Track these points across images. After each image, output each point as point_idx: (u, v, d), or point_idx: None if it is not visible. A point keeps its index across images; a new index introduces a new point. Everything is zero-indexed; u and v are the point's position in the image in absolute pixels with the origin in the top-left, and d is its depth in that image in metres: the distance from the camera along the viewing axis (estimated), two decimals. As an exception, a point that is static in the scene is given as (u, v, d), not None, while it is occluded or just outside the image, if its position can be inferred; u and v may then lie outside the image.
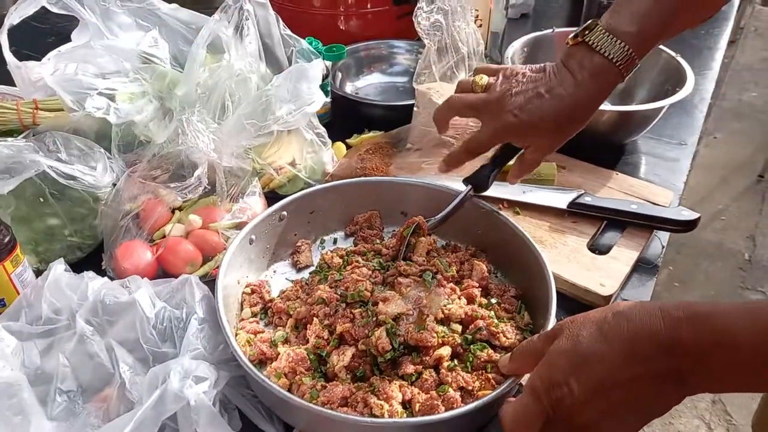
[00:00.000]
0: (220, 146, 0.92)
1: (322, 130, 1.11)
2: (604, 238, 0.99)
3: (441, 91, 1.16)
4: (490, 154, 0.91)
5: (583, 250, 0.96)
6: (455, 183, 0.94)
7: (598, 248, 0.97)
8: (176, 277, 0.82)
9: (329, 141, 1.13)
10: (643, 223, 0.99)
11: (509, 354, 0.69)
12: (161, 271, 0.92)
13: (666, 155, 1.24)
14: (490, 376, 0.71)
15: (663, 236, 1.03)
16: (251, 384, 0.71)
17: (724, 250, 2.73)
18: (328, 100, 1.24)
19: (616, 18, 0.77)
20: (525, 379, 0.66)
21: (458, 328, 0.76)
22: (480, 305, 0.80)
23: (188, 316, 0.74)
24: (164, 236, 0.95)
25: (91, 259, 0.96)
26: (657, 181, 1.16)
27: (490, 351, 0.73)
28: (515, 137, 0.84)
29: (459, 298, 0.80)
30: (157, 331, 0.73)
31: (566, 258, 0.94)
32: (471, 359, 0.73)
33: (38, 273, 0.84)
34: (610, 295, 0.88)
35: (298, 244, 0.95)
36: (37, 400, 0.68)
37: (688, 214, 0.97)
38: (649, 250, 1.00)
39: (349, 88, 1.39)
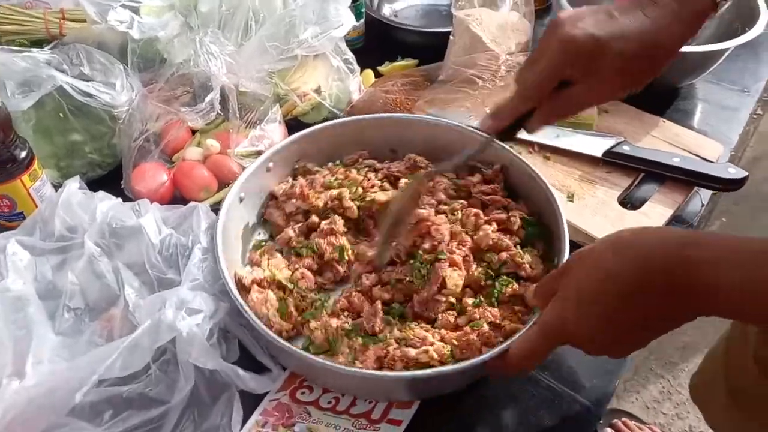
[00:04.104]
0: (238, 69, 0.89)
1: (350, 56, 1.06)
2: (639, 191, 0.92)
3: (481, 19, 1.08)
4: None
5: (612, 203, 0.90)
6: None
7: (630, 202, 0.91)
8: (192, 201, 0.82)
9: (357, 68, 1.07)
10: (683, 179, 0.92)
11: (534, 286, 0.68)
12: (178, 194, 0.93)
13: (724, 103, 1.14)
14: (516, 308, 0.71)
15: (705, 194, 0.95)
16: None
17: (787, 206, 2.56)
18: (360, 23, 1.18)
19: None
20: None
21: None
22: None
23: (194, 244, 0.74)
24: (184, 159, 0.94)
25: (111, 176, 0.97)
26: (709, 131, 1.07)
27: (515, 285, 0.73)
28: (577, 63, 0.63)
29: (488, 224, 0.79)
30: (162, 258, 0.73)
31: (592, 211, 0.89)
32: (497, 294, 0.72)
33: (59, 188, 0.85)
34: (634, 254, 0.83)
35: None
36: (46, 314, 0.70)
37: (734, 172, 0.89)
38: (687, 207, 0.94)
39: (386, 10, 1.31)
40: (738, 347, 0.84)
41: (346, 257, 0.78)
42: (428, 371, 0.63)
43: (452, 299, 0.73)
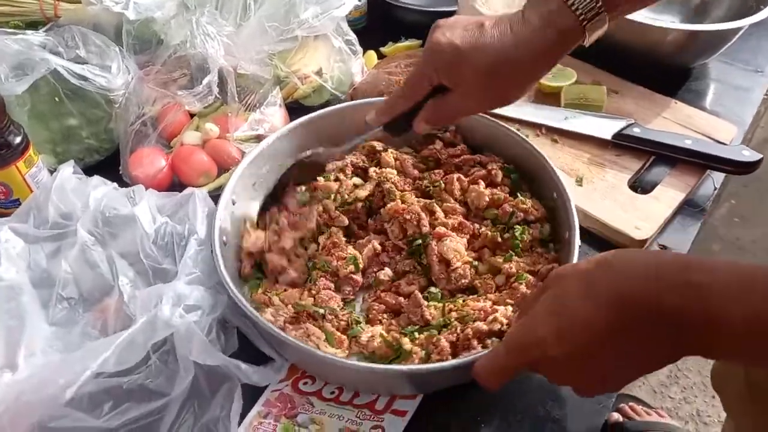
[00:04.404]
0: (236, 51, 0.86)
1: (353, 36, 1.03)
2: (650, 175, 0.90)
3: (487, -2, 1.05)
4: None
5: (622, 186, 0.87)
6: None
7: (640, 185, 0.89)
8: (192, 187, 0.80)
9: (360, 49, 1.04)
10: (696, 161, 0.89)
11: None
12: (177, 180, 0.90)
13: (737, 83, 1.10)
14: (539, 251, 0.75)
15: (717, 177, 0.93)
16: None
17: (797, 189, 2.52)
18: (362, 2, 1.15)
19: None
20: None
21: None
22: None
23: (190, 234, 0.72)
24: (182, 144, 0.92)
25: (109, 161, 0.94)
26: (722, 112, 1.04)
27: (531, 230, 0.75)
28: (440, 70, 0.64)
29: (475, 183, 0.79)
30: (157, 247, 0.71)
31: (601, 195, 0.86)
32: (518, 243, 0.74)
33: (55, 174, 0.83)
34: (645, 240, 0.81)
35: None
36: (39, 303, 0.68)
37: (748, 155, 0.87)
38: (698, 191, 0.91)
39: (390, -11, 1.27)
40: None
41: (360, 265, 0.75)
42: (429, 366, 0.61)
43: (466, 264, 0.73)
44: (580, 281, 0.48)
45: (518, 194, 0.78)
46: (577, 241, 0.69)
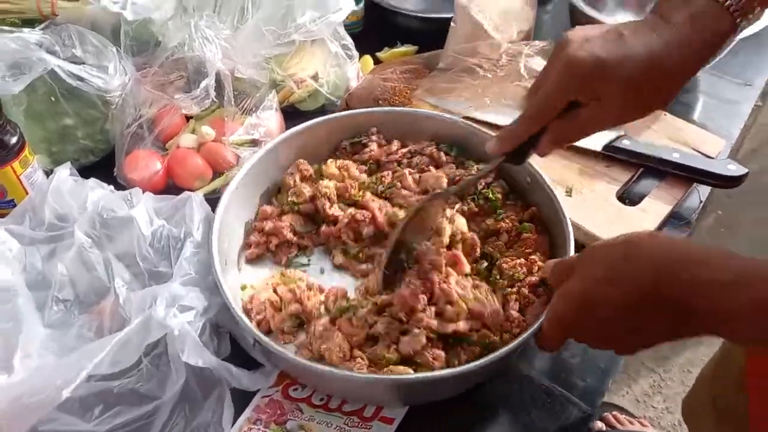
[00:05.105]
0: (234, 54, 0.87)
1: (349, 41, 1.04)
2: (638, 186, 0.91)
3: (483, 5, 1.06)
4: None
5: (611, 198, 0.89)
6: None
7: (628, 197, 0.90)
8: (186, 190, 0.81)
9: (356, 54, 1.05)
10: (683, 175, 0.91)
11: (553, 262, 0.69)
12: (172, 182, 0.91)
13: (727, 96, 1.12)
14: (510, 203, 0.83)
15: (704, 190, 0.94)
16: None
17: (782, 198, 2.55)
18: (359, 7, 1.15)
19: None
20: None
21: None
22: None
23: (186, 237, 0.73)
24: (178, 146, 0.93)
25: (104, 162, 0.95)
26: (711, 125, 1.05)
27: (496, 188, 0.83)
28: (582, 86, 0.60)
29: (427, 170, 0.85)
30: (154, 249, 0.73)
31: (591, 206, 0.88)
32: (496, 203, 0.82)
33: (51, 174, 0.83)
34: (632, 252, 0.83)
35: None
36: (35, 305, 0.69)
37: (734, 169, 0.88)
38: (685, 203, 0.93)
39: (387, -7, 1.28)
40: (724, 371, 0.85)
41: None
42: (418, 375, 0.62)
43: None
44: (608, 268, 0.55)
45: (464, 164, 0.85)
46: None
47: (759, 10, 0.57)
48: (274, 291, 0.74)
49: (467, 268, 0.76)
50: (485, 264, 0.78)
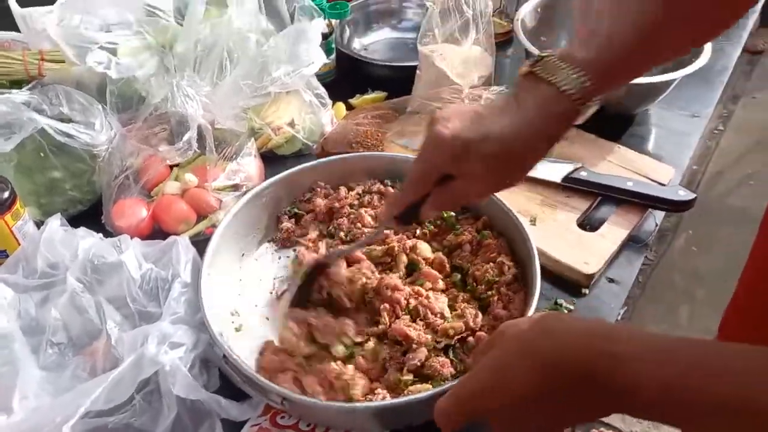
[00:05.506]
0: (214, 108, 0.93)
1: (322, 90, 1.11)
2: (597, 213, 0.98)
3: (445, 54, 1.14)
4: None
5: (572, 226, 0.96)
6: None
7: (589, 224, 0.96)
8: (171, 234, 0.85)
9: (329, 102, 1.12)
10: (637, 201, 0.98)
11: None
12: (157, 227, 0.96)
13: (676, 128, 1.21)
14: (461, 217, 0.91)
15: (659, 214, 1.01)
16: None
17: (748, 216, 2.66)
18: (331, 58, 1.23)
19: (572, 46, 0.65)
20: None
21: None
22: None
23: (174, 278, 0.77)
24: (163, 194, 0.98)
25: (91, 211, 0.99)
26: (663, 155, 1.13)
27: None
28: (448, 161, 0.66)
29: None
30: (143, 291, 0.77)
31: (554, 234, 0.94)
32: (452, 221, 0.90)
33: (41, 225, 0.87)
34: (593, 274, 0.89)
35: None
36: (30, 349, 0.72)
37: (684, 194, 0.96)
38: (642, 227, 0.99)
39: (356, 45, 1.37)
40: None
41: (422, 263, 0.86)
42: (393, 401, 0.67)
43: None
44: (521, 344, 0.53)
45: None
46: (538, 283, 0.77)
47: (596, 98, 0.63)
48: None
49: (441, 284, 0.83)
50: (458, 276, 0.85)
